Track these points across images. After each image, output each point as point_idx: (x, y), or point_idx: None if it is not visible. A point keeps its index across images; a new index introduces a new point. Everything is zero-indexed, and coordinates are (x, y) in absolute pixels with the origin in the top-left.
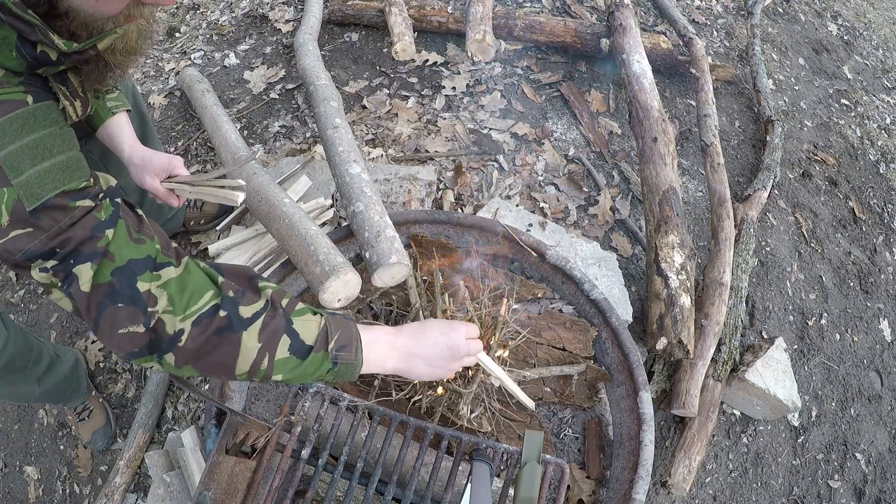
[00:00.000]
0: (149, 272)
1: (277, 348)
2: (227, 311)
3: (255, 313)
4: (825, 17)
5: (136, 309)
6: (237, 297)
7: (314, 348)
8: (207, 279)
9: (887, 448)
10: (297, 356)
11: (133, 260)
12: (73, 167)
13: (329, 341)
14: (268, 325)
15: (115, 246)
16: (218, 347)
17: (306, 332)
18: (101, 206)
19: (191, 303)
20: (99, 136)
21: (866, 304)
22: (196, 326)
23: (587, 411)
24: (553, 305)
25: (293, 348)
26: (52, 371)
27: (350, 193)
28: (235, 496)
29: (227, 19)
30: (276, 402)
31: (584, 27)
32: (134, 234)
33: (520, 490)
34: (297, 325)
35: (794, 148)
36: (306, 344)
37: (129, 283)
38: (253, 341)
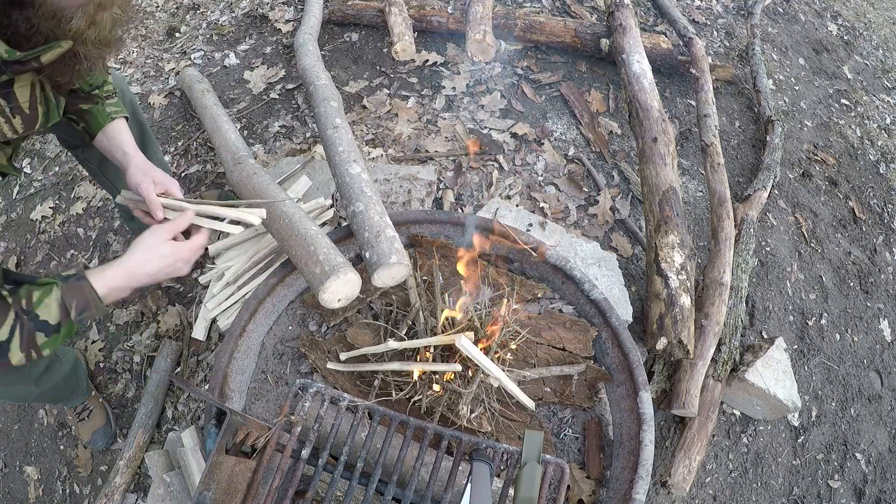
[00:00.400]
0: None
1: (36, 342)
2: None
3: (10, 331)
4: (825, 17)
5: None
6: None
7: (61, 323)
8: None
9: (887, 448)
10: (52, 335)
11: None
12: None
13: (70, 311)
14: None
15: None
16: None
17: (51, 315)
18: None
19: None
20: (97, 142)
21: (866, 304)
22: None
23: (587, 411)
24: (553, 305)
25: (46, 334)
26: (51, 371)
27: (350, 193)
28: (235, 496)
29: (227, 19)
30: (276, 402)
31: (584, 27)
32: None
33: (520, 490)
34: (42, 314)
35: (794, 148)
36: (53, 324)
37: None
38: (17, 354)
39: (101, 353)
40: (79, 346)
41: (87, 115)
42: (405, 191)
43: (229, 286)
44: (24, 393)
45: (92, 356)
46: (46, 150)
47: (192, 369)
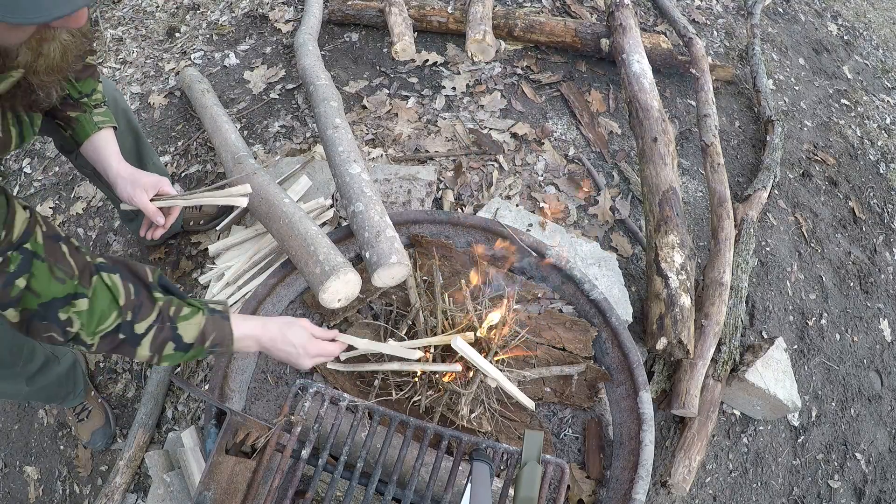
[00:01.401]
0: (68, 305)
1: (164, 350)
2: (125, 334)
3: (147, 327)
4: (825, 17)
5: (57, 327)
6: (134, 316)
7: (193, 346)
8: (112, 301)
9: (887, 448)
10: (181, 351)
11: (56, 298)
12: None
13: (206, 340)
14: (157, 337)
15: (38, 285)
16: (120, 350)
17: (188, 334)
18: (10, 258)
19: (98, 325)
20: (84, 151)
21: (866, 304)
22: (103, 340)
23: (587, 411)
24: (553, 305)
25: (177, 347)
26: (46, 371)
27: (350, 193)
28: (235, 496)
29: (227, 19)
30: (276, 402)
31: (584, 27)
32: (56, 273)
33: (520, 490)
34: (181, 329)
35: (794, 148)
36: (187, 343)
37: (52, 312)
38: (145, 350)
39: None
40: None
41: (75, 123)
42: (405, 191)
43: (229, 286)
44: (13, 391)
45: (92, 356)
46: (46, 150)
47: (192, 369)
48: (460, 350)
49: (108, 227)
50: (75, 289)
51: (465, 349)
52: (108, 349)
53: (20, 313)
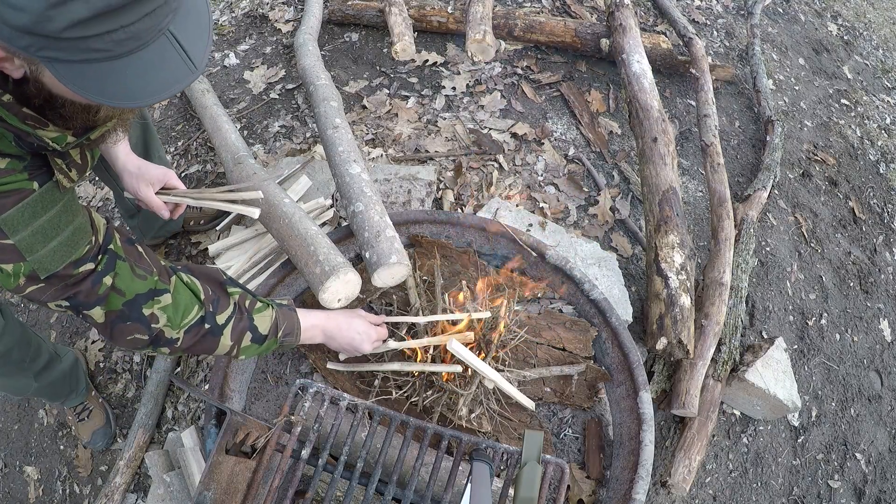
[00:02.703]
0: (151, 301)
1: (243, 341)
2: (209, 324)
3: (227, 318)
4: (825, 17)
5: (142, 325)
6: (214, 308)
7: (268, 336)
8: (192, 296)
9: (887, 448)
10: (257, 343)
11: (139, 294)
12: (77, 237)
13: (278, 331)
14: (237, 326)
15: (122, 283)
16: (203, 343)
17: (263, 325)
18: (100, 261)
19: (183, 318)
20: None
21: (866, 304)
22: (188, 334)
23: (587, 411)
24: (553, 305)
25: (254, 339)
26: (51, 368)
27: (350, 193)
28: (235, 496)
29: (227, 19)
30: (276, 402)
31: (584, 27)
32: (137, 272)
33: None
34: (257, 321)
35: (794, 148)
36: (262, 334)
37: (136, 309)
38: (227, 339)
39: (101, 353)
40: (79, 346)
41: None
42: (405, 191)
43: None
44: (23, 385)
45: (92, 356)
46: None
47: (192, 369)
48: (456, 352)
49: None
50: (156, 285)
51: (461, 351)
52: (192, 343)
53: (105, 314)
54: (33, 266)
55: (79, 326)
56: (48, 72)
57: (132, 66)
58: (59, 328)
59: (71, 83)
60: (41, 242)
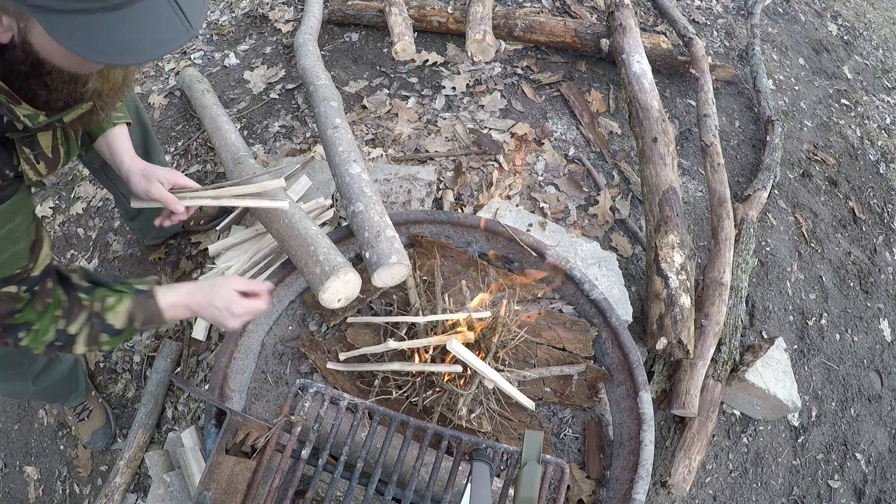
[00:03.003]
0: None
1: (99, 340)
2: (62, 342)
3: (80, 326)
4: (825, 17)
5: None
6: (66, 322)
7: (125, 329)
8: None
9: (887, 448)
10: (115, 336)
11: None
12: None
13: (134, 322)
14: (91, 332)
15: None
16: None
17: (117, 321)
18: (21, 297)
19: (40, 339)
20: (97, 146)
21: (866, 304)
22: (46, 346)
23: (587, 411)
24: (553, 305)
25: (110, 334)
26: (50, 371)
27: (350, 193)
28: (235, 496)
29: (227, 19)
30: (276, 402)
31: (584, 27)
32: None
33: (520, 490)
34: (110, 319)
35: (794, 148)
36: (117, 328)
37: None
38: (82, 348)
39: (100, 353)
40: None
41: None
42: (405, 191)
43: None
44: (20, 390)
45: (92, 356)
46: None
47: (192, 369)
48: (456, 352)
49: (107, 227)
50: (35, 321)
51: (460, 351)
52: (50, 353)
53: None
54: None
55: None
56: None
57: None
58: None
59: (61, 37)
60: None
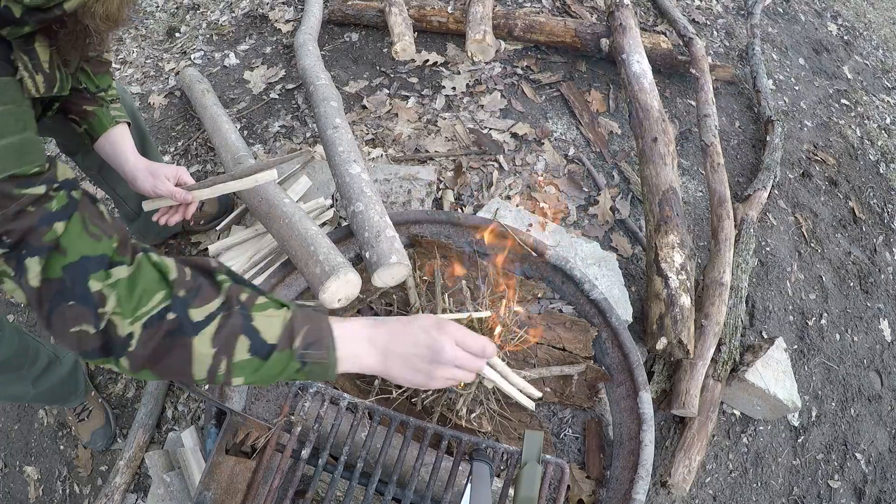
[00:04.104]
0: (102, 271)
1: (235, 351)
2: (176, 314)
3: (208, 315)
4: (825, 17)
5: (87, 308)
6: (188, 298)
7: (277, 346)
8: (160, 278)
9: (887, 448)
10: (259, 356)
11: (86, 257)
12: (27, 150)
13: (295, 338)
14: (223, 326)
15: (68, 240)
16: (170, 352)
17: (268, 330)
18: (54, 196)
19: (140, 304)
20: (98, 146)
21: (866, 304)
22: (146, 329)
23: (587, 411)
24: (553, 305)
25: (254, 348)
26: (50, 373)
27: (350, 193)
28: (235, 496)
29: (227, 19)
30: (276, 402)
31: (584, 27)
32: (91, 229)
33: (520, 490)
34: (258, 322)
35: (794, 148)
36: (268, 343)
37: (81, 281)
38: (206, 347)
39: None
40: None
41: (91, 117)
42: (405, 191)
43: None
44: (20, 393)
45: None
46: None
47: None
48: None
49: None
50: (112, 252)
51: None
52: (154, 348)
53: (42, 282)
54: None
55: None
56: None
57: None
58: None
59: None
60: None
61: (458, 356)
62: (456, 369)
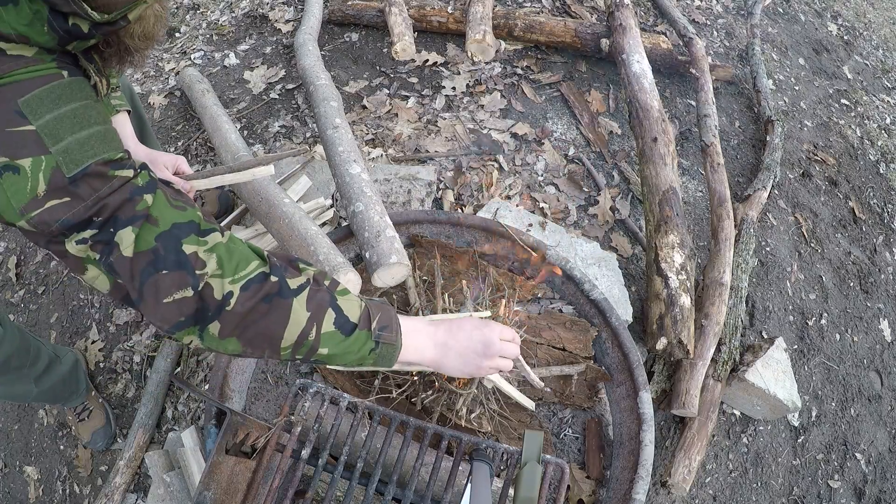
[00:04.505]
0: (194, 235)
1: (324, 320)
2: (277, 277)
3: (300, 285)
4: (825, 17)
5: (183, 272)
6: (283, 268)
7: (358, 325)
8: (251, 250)
9: (887, 448)
10: (343, 332)
11: (177, 224)
12: (111, 138)
13: (372, 321)
14: (314, 296)
15: (157, 210)
16: (267, 314)
17: (350, 310)
18: (139, 174)
19: (239, 268)
20: None
21: (866, 304)
22: (245, 291)
23: (587, 411)
24: (553, 305)
25: (338, 323)
26: (51, 372)
27: (350, 193)
28: (235, 496)
29: (227, 19)
30: (276, 402)
31: (584, 27)
32: (174, 202)
33: (520, 490)
34: (341, 302)
35: (794, 148)
36: (351, 320)
37: (174, 246)
38: (303, 309)
39: (100, 353)
40: (79, 346)
41: None
42: (405, 191)
43: None
44: (23, 392)
45: (92, 356)
46: None
47: (192, 369)
48: None
49: None
50: (200, 220)
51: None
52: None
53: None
54: (58, 159)
55: (79, 326)
56: None
57: None
58: (59, 328)
59: None
60: (68, 130)
61: (503, 347)
62: (500, 359)
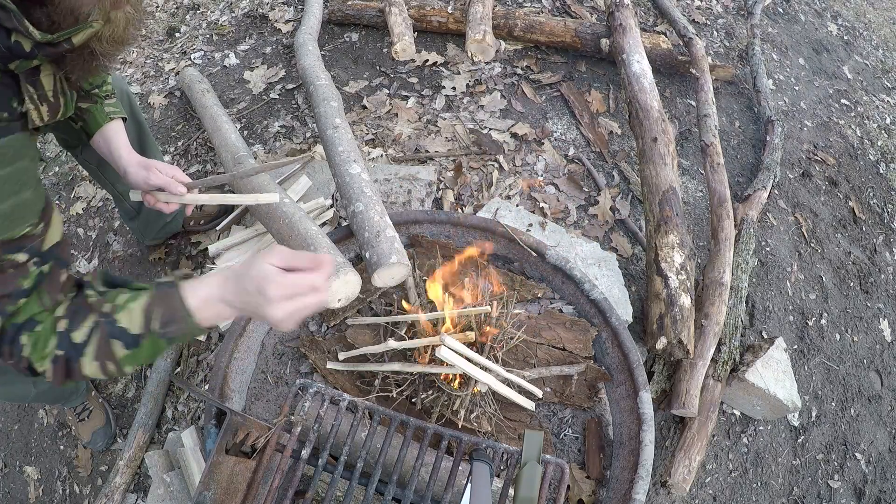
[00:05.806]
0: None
1: (114, 353)
2: (63, 350)
3: (87, 332)
4: (825, 17)
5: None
6: (70, 327)
7: (142, 335)
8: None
9: (887, 448)
10: (132, 347)
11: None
12: (18, 215)
13: (152, 321)
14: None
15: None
16: (72, 373)
17: (131, 324)
18: (29, 273)
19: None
20: (94, 143)
21: (866, 304)
22: (53, 363)
23: (587, 411)
24: (553, 305)
25: (126, 343)
26: None
27: (350, 193)
28: (235, 496)
29: (227, 19)
30: (276, 402)
31: (584, 27)
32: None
33: (520, 490)
34: (122, 320)
35: (794, 148)
36: (132, 334)
37: (16, 335)
38: (89, 361)
39: None
40: None
41: (86, 114)
42: (405, 191)
43: None
44: (22, 393)
45: None
46: (46, 151)
47: (192, 369)
48: (446, 359)
49: (108, 227)
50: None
51: (450, 358)
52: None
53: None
54: None
55: None
56: None
57: None
58: None
59: None
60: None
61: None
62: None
